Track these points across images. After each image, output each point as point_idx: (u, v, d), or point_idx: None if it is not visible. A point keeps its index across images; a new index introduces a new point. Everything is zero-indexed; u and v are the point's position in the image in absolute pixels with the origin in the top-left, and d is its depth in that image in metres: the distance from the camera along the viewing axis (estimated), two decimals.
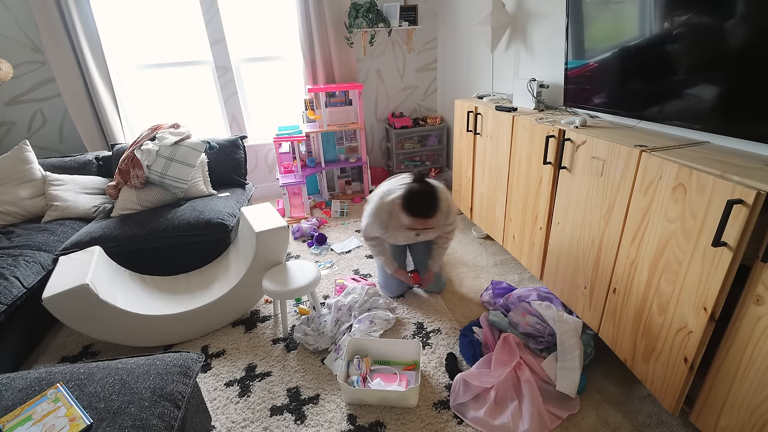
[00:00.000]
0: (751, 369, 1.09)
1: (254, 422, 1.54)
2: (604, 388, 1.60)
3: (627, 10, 1.52)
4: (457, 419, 1.51)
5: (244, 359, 1.85)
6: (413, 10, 3.40)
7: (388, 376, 1.65)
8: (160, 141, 2.52)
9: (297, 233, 2.99)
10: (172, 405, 1.15)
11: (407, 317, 2.07)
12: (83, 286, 1.67)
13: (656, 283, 1.33)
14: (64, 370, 1.26)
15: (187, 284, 2.19)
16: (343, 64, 3.40)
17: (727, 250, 1.06)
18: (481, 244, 2.75)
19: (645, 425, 1.44)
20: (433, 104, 3.96)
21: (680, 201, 1.20)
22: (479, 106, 2.45)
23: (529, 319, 1.76)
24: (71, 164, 2.73)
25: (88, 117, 3.09)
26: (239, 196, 2.69)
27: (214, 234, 2.28)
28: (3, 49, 2.91)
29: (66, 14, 2.80)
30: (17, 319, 1.85)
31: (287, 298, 1.88)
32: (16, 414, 1.08)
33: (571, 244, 1.77)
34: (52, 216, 2.44)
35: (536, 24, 2.31)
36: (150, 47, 3.22)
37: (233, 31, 3.28)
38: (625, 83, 1.62)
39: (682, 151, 1.31)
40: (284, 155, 3.39)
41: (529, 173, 2.02)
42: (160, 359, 1.30)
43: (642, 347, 1.42)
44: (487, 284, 2.28)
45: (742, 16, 1.15)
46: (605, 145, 1.49)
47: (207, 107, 3.50)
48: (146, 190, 2.45)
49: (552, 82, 2.24)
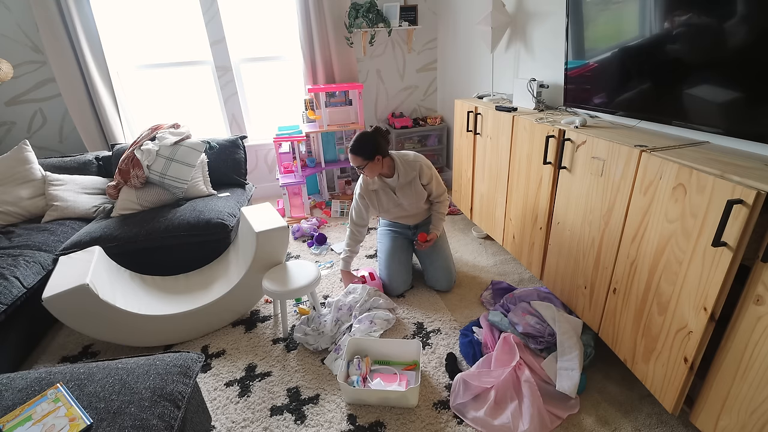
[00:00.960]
0: (751, 369, 1.09)
1: (254, 422, 1.54)
2: (604, 388, 1.60)
3: (627, 10, 1.52)
4: (457, 419, 1.51)
5: (244, 359, 1.85)
6: (413, 10, 3.40)
7: (388, 376, 1.65)
8: (160, 141, 2.52)
9: (297, 233, 2.99)
10: (172, 405, 1.15)
11: (407, 317, 2.07)
12: (83, 286, 1.67)
13: (656, 283, 1.33)
14: (64, 370, 1.26)
15: (187, 284, 2.19)
16: (343, 64, 3.40)
17: (727, 250, 1.06)
18: (481, 244, 2.75)
19: (645, 425, 1.44)
20: (433, 104, 3.96)
21: (680, 201, 1.20)
22: (479, 106, 2.45)
23: (529, 319, 1.76)
24: (71, 164, 2.73)
25: (88, 117, 3.09)
26: (239, 196, 2.69)
27: (214, 234, 2.28)
28: (3, 49, 2.91)
29: (66, 14, 2.80)
30: (17, 319, 1.85)
31: (287, 298, 1.88)
32: (16, 414, 1.08)
33: (571, 244, 1.77)
34: (52, 216, 2.44)
35: (536, 24, 2.31)
36: (150, 47, 3.22)
37: (233, 31, 3.28)
38: (625, 83, 1.62)
39: (682, 151, 1.31)
40: (284, 155, 3.39)
41: (529, 173, 2.02)
42: (160, 359, 1.30)
43: (642, 347, 1.42)
44: (487, 284, 2.28)
45: (742, 15, 1.15)
46: (605, 145, 1.49)
47: (207, 107, 3.50)
48: (146, 190, 2.45)
49: (552, 82, 2.24)
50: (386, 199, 2.13)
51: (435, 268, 2.22)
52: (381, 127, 1.99)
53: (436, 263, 2.22)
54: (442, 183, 2.20)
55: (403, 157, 2.10)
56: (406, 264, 2.24)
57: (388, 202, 2.14)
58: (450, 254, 2.29)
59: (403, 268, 2.22)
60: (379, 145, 1.94)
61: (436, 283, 2.24)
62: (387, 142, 2.00)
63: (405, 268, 2.23)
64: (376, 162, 1.96)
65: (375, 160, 1.95)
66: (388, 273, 2.22)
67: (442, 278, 2.21)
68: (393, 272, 2.20)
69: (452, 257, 2.32)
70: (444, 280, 2.21)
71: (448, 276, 2.21)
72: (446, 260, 2.23)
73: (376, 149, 1.93)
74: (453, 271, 2.26)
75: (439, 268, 2.21)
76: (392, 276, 2.20)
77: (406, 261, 2.25)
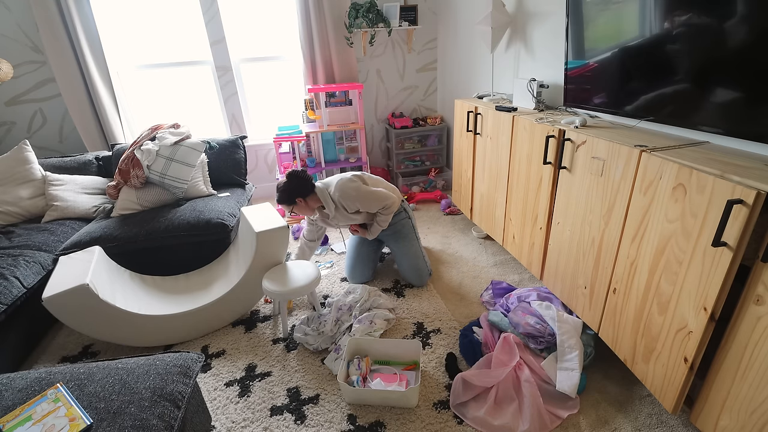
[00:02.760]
0: (751, 369, 1.09)
1: (254, 422, 1.54)
2: (604, 388, 1.60)
3: (627, 10, 1.52)
4: (457, 419, 1.51)
5: (244, 359, 1.85)
6: (413, 10, 3.40)
7: (388, 376, 1.65)
8: (160, 141, 2.52)
9: (297, 233, 2.99)
10: (172, 405, 1.15)
11: (407, 317, 2.07)
12: (83, 286, 1.67)
13: (656, 283, 1.33)
14: (64, 370, 1.26)
15: (187, 284, 2.19)
16: (343, 64, 3.40)
17: (727, 250, 1.06)
18: (481, 244, 2.75)
19: (645, 425, 1.44)
20: (433, 104, 3.96)
21: (680, 201, 1.20)
22: (479, 106, 2.45)
23: (529, 319, 1.76)
24: (71, 164, 2.73)
25: (88, 117, 3.09)
26: (239, 196, 2.69)
27: (214, 234, 2.28)
28: (3, 49, 2.91)
29: (66, 14, 2.80)
30: (17, 319, 1.85)
31: (287, 298, 1.88)
32: (16, 414, 1.09)
33: (571, 244, 1.77)
34: (52, 216, 2.44)
35: (536, 24, 2.31)
36: (150, 47, 3.22)
37: (233, 31, 3.28)
38: (625, 83, 1.62)
39: (682, 151, 1.31)
40: (284, 155, 3.39)
41: (529, 173, 2.02)
42: (160, 359, 1.30)
43: (642, 347, 1.42)
44: (487, 284, 2.28)
45: (742, 15, 1.15)
46: (605, 145, 1.49)
47: (207, 107, 3.50)
48: (146, 190, 2.45)
49: (552, 82, 2.24)
50: (330, 222, 2.24)
51: (404, 269, 2.32)
52: (296, 170, 2.07)
53: (403, 264, 2.31)
54: (378, 198, 2.10)
55: (327, 189, 2.11)
56: (365, 259, 2.35)
57: (333, 223, 2.25)
58: (418, 252, 2.31)
59: (361, 261, 2.34)
60: (294, 189, 2.03)
61: (408, 279, 2.33)
62: (305, 181, 2.06)
63: (364, 262, 2.35)
64: (299, 204, 2.06)
65: (297, 203, 2.05)
66: (348, 264, 2.39)
67: (412, 276, 2.30)
68: (352, 264, 2.36)
69: (422, 254, 2.33)
70: (414, 278, 2.30)
71: (416, 273, 2.29)
72: (413, 259, 2.28)
73: (293, 193, 2.02)
74: (422, 268, 2.30)
75: (407, 268, 2.30)
76: (351, 267, 2.36)
77: (366, 255, 2.34)
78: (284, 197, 2.03)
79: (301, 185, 2.05)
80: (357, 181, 2.11)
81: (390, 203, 2.13)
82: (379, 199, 2.11)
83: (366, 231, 2.27)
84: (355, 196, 2.06)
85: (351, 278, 2.38)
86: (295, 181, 2.04)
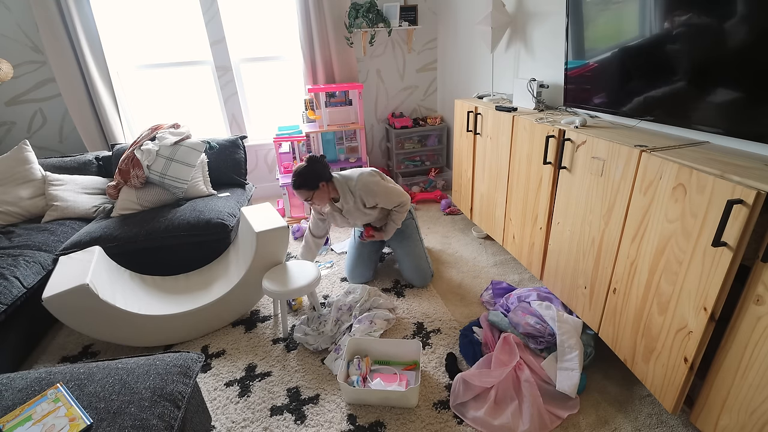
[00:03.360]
0: (751, 369, 1.09)
1: (254, 422, 1.54)
2: (604, 388, 1.60)
3: (627, 10, 1.52)
4: (457, 419, 1.51)
5: (244, 359, 1.85)
6: (413, 10, 3.40)
7: (388, 376, 1.65)
8: (160, 141, 2.52)
9: (297, 233, 2.99)
10: (172, 405, 1.15)
11: (407, 317, 2.07)
12: (83, 286, 1.67)
13: (656, 283, 1.33)
14: (64, 370, 1.26)
15: (187, 284, 2.19)
16: (343, 64, 3.40)
17: (727, 250, 1.06)
18: (481, 244, 2.75)
19: (645, 425, 1.44)
20: (433, 104, 3.96)
21: (680, 201, 1.20)
22: (479, 106, 2.45)
23: (529, 319, 1.76)
24: (71, 164, 2.73)
25: (88, 117, 3.09)
26: (239, 196, 2.69)
27: (214, 234, 2.28)
28: (3, 49, 2.91)
29: (66, 14, 2.80)
30: (17, 319, 1.85)
31: (287, 298, 1.88)
32: (16, 414, 1.09)
33: (571, 244, 1.77)
34: (52, 216, 2.44)
35: (536, 24, 2.31)
36: (150, 47, 3.22)
37: (233, 31, 3.28)
38: (625, 83, 1.62)
39: (682, 151, 1.31)
40: (284, 155, 3.39)
41: (529, 173, 2.02)
42: (160, 359, 1.30)
43: (642, 347, 1.42)
44: (487, 284, 2.28)
45: (742, 15, 1.15)
46: (605, 145, 1.49)
47: (207, 107, 3.50)
48: (146, 190, 2.45)
49: (552, 82, 2.24)
50: (340, 219, 2.18)
51: (406, 269, 2.31)
52: (315, 155, 1.99)
53: (406, 264, 2.30)
54: (396, 194, 2.10)
55: (346, 182, 2.05)
56: (366, 259, 2.33)
57: (342, 221, 2.19)
58: (421, 253, 2.31)
59: (361, 261, 2.33)
60: (319, 173, 1.95)
61: (410, 280, 2.32)
62: (325, 167, 2.00)
63: (364, 262, 2.33)
64: (321, 189, 1.97)
65: (320, 188, 1.96)
66: (348, 264, 2.38)
67: (414, 277, 2.29)
68: (352, 264, 2.34)
69: (425, 255, 2.33)
70: (416, 278, 2.29)
71: (420, 274, 2.28)
72: (416, 260, 2.28)
73: (317, 176, 1.94)
74: (425, 269, 2.30)
75: (409, 269, 2.29)
76: (351, 267, 2.35)
77: (366, 255, 2.33)
78: (307, 181, 1.92)
79: (324, 170, 1.98)
80: (377, 176, 2.10)
81: (405, 200, 2.14)
82: (398, 195, 2.11)
83: (381, 232, 2.23)
84: (377, 190, 2.04)
85: (351, 278, 2.37)
86: (319, 165, 1.96)
